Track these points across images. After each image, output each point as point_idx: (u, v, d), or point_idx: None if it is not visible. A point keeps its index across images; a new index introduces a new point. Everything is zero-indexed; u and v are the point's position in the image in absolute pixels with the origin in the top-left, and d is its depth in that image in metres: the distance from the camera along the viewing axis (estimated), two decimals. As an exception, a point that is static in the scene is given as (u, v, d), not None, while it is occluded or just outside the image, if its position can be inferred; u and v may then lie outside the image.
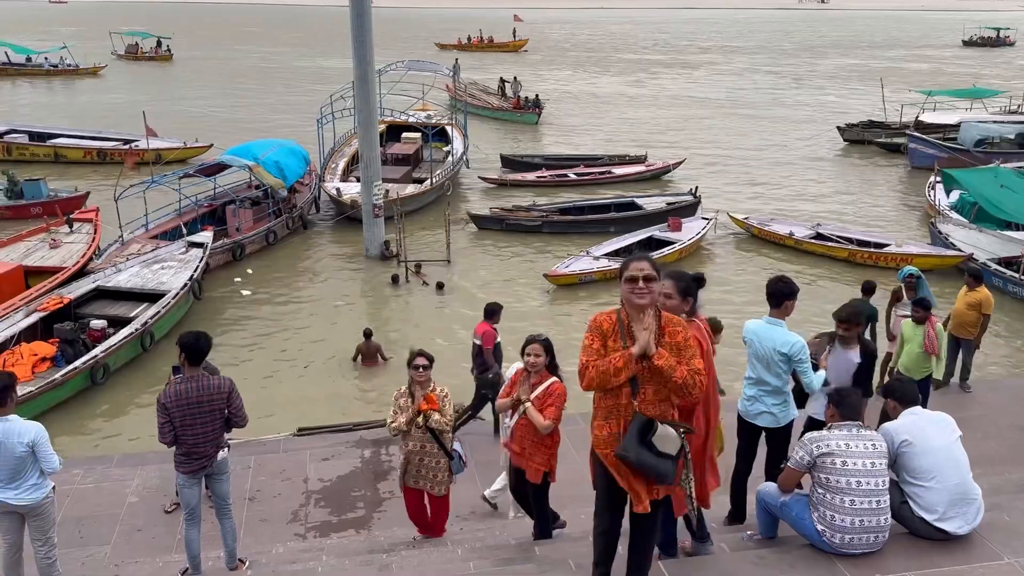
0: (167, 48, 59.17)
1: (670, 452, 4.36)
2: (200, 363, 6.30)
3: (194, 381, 6.20)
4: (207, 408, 6.21)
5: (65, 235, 17.20)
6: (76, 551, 7.71)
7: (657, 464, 4.34)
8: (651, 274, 4.32)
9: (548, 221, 20.81)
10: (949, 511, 5.30)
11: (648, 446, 4.34)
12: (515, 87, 39.56)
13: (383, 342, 14.34)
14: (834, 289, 17.42)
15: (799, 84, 49.22)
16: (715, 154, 30.19)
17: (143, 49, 58.70)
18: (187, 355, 6.25)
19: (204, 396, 6.19)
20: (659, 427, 4.36)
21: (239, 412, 6.42)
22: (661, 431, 4.36)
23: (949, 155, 25.82)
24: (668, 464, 4.37)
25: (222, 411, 6.31)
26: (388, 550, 7.19)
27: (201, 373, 6.28)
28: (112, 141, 27.96)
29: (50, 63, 49.97)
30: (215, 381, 6.29)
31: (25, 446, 5.95)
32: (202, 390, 6.19)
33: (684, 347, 4.37)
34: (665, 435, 4.36)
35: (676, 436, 4.40)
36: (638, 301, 4.32)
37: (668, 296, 5.00)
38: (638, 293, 4.31)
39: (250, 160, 19.61)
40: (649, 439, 4.34)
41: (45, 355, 12.75)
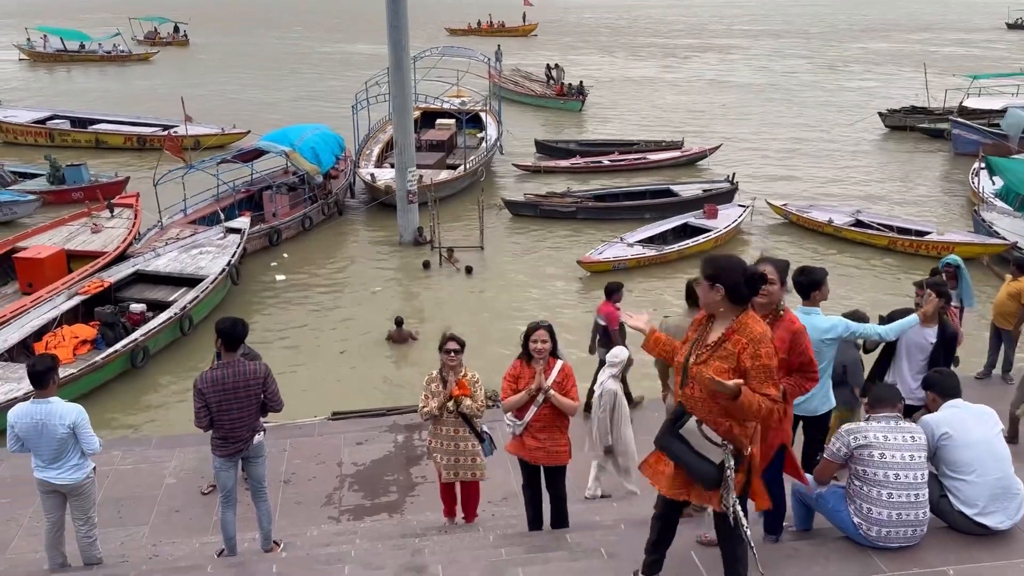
0: (184, 34, 59.19)
1: (710, 458, 4.17)
2: (236, 349, 6.36)
3: (230, 367, 6.26)
4: (243, 394, 6.27)
5: (106, 220, 17.48)
6: (115, 530, 7.86)
7: (693, 462, 4.19)
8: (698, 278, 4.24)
9: (582, 207, 20.71)
10: (990, 505, 5.19)
11: (680, 438, 4.23)
12: (559, 73, 38.40)
13: (416, 327, 14.44)
14: (873, 278, 17.17)
15: (837, 68, 48.32)
16: (752, 140, 29.82)
17: (160, 35, 58.60)
18: (224, 341, 6.31)
19: (240, 382, 6.25)
20: (690, 422, 4.21)
21: (275, 397, 6.47)
22: (692, 427, 4.20)
23: (994, 141, 25.24)
24: (706, 467, 4.17)
25: (258, 396, 6.36)
26: (420, 534, 7.24)
27: (237, 359, 6.33)
28: (152, 127, 28.31)
29: (104, 50, 50.47)
30: (251, 367, 6.33)
31: (66, 427, 6.06)
32: (238, 376, 6.25)
33: (756, 370, 4.06)
34: (695, 433, 4.19)
35: (712, 444, 4.17)
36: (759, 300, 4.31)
37: (772, 282, 4.78)
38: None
39: (286, 146, 19.76)
40: (677, 430, 4.23)
41: (86, 338, 12.99)
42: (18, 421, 6.09)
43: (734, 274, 4.16)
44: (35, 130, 27.78)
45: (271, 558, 6.58)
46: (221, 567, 6.23)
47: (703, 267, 4.21)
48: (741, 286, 4.15)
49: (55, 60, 49.80)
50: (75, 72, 46.11)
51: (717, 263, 4.20)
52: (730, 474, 4.15)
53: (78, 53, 50.26)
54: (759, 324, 4.18)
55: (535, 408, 6.11)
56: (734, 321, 4.17)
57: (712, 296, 4.17)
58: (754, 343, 4.08)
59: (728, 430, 4.17)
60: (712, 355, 4.17)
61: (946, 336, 6.74)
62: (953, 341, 6.87)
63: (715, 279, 4.15)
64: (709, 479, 4.19)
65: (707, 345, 4.23)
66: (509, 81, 37.59)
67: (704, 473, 4.18)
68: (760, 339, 4.09)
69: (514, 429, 6.25)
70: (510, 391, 6.23)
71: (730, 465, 4.15)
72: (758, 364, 4.07)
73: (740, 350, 4.09)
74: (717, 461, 4.16)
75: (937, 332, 6.66)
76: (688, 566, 5.08)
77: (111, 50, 50.49)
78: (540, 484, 6.48)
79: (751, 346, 4.07)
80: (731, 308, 4.18)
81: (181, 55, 52.41)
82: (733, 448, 4.17)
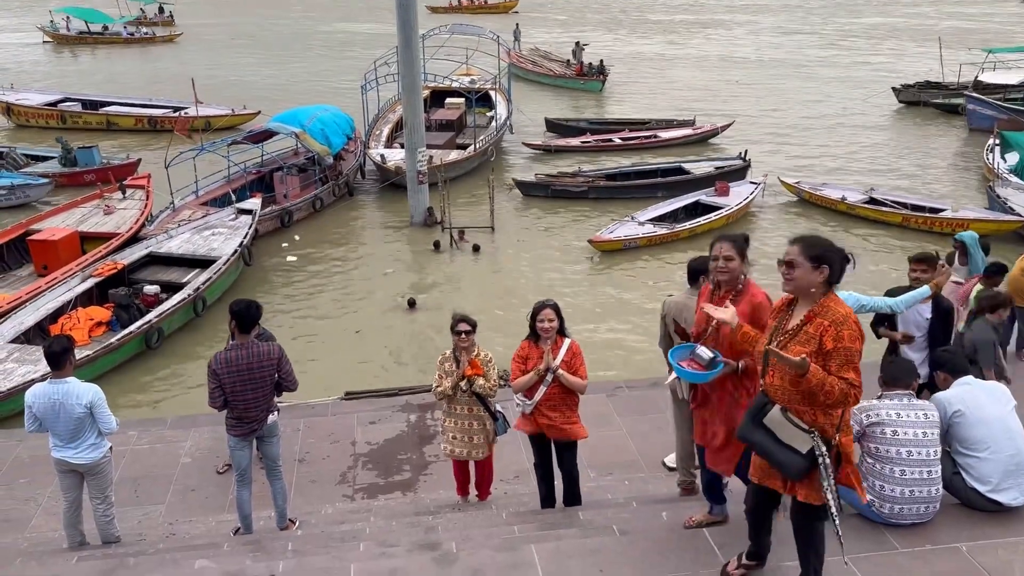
0: (169, 14, 58.15)
1: (796, 446, 4.07)
2: (250, 331, 6.42)
3: (244, 348, 6.32)
4: (257, 375, 6.33)
5: (118, 201, 17.54)
6: (132, 509, 7.95)
7: (776, 452, 4.11)
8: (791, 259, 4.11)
9: (594, 187, 20.64)
10: (1003, 482, 5.20)
11: (764, 428, 4.15)
12: (579, 53, 36.72)
13: (429, 308, 14.49)
14: (887, 255, 17.08)
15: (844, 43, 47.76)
16: (764, 117, 29.59)
17: (147, 16, 57.61)
18: (238, 323, 6.37)
19: (254, 363, 6.31)
20: (773, 411, 4.13)
21: (289, 377, 6.54)
22: (776, 417, 4.11)
23: (1009, 116, 24.96)
24: (791, 456, 4.07)
25: (272, 377, 6.42)
26: (434, 512, 7.31)
27: (252, 340, 6.39)
28: (162, 109, 28.34)
29: (128, 31, 50.22)
30: (264, 348, 6.39)
31: (83, 407, 6.14)
32: (252, 357, 6.31)
33: (837, 352, 3.97)
34: (782, 424, 4.09)
35: (799, 431, 4.06)
36: (784, 287, 4.18)
37: (728, 258, 4.84)
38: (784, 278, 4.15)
39: (296, 127, 19.73)
40: (761, 420, 4.16)
41: (101, 319, 13.08)
42: (36, 401, 6.17)
43: (838, 254, 4.13)
44: (46, 112, 27.84)
45: (287, 535, 6.66)
46: (237, 545, 6.31)
47: (804, 246, 4.11)
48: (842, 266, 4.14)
49: (79, 42, 49.44)
50: (99, 54, 45.72)
51: (822, 243, 4.14)
52: (823, 461, 4.05)
53: (102, 35, 49.97)
54: (842, 306, 4.09)
55: (544, 388, 6.14)
56: (816, 304, 4.10)
57: (814, 278, 4.08)
58: (837, 324, 4.00)
59: (813, 418, 4.10)
60: (791, 340, 4.11)
61: (941, 311, 6.70)
62: (948, 316, 6.81)
63: (821, 260, 4.08)
64: (793, 468, 4.10)
65: (787, 331, 4.17)
66: (527, 61, 36.82)
67: (789, 462, 4.09)
68: (844, 320, 4.01)
69: (524, 408, 6.29)
70: (519, 372, 6.26)
71: (821, 452, 4.04)
72: (840, 346, 3.97)
73: (822, 332, 4.01)
74: (804, 449, 4.06)
75: (932, 308, 6.63)
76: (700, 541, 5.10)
77: (135, 32, 50.22)
78: (552, 462, 6.52)
79: (834, 328, 3.99)
80: (821, 291, 4.12)
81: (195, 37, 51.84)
82: (821, 435, 4.08)
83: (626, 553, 5.00)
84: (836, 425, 4.11)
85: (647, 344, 8.24)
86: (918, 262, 7.02)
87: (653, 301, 14.58)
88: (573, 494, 6.59)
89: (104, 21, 49.71)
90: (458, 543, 5.33)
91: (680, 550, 5.02)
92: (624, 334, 13.45)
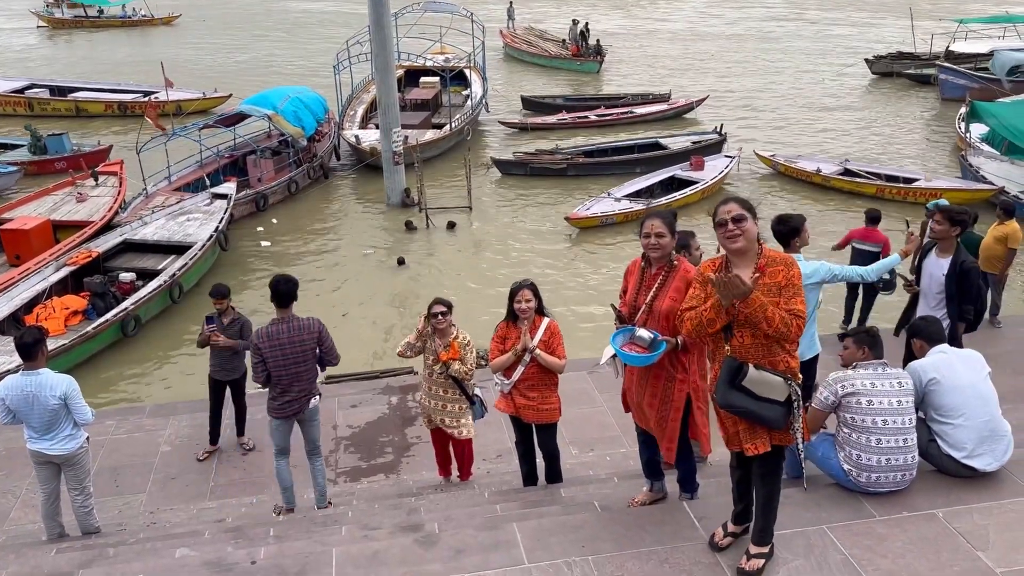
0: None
1: (775, 398, 4.19)
2: (289, 305, 6.53)
3: (285, 323, 6.45)
4: (299, 348, 6.46)
5: (91, 189, 17.29)
6: (112, 499, 7.91)
7: (759, 408, 4.20)
8: (740, 214, 4.19)
9: (573, 164, 20.59)
10: (977, 448, 5.26)
11: (741, 389, 4.22)
12: (574, 32, 34.49)
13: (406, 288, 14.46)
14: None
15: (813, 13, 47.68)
16: (738, 90, 29.55)
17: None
18: (276, 298, 6.47)
19: (295, 337, 6.43)
20: (751, 370, 4.20)
21: (331, 351, 6.69)
22: (755, 375, 4.19)
23: (981, 85, 25.12)
24: (772, 409, 4.20)
25: (314, 351, 6.55)
26: (416, 493, 7.33)
27: (292, 314, 6.49)
28: (132, 93, 27.91)
29: (125, 14, 49.03)
30: (305, 322, 6.51)
31: (57, 399, 6.08)
32: (293, 331, 6.44)
33: (785, 286, 4.16)
34: (762, 380, 4.19)
35: (778, 382, 4.19)
36: (731, 245, 4.24)
37: (660, 235, 4.87)
38: (730, 236, 4.21)
39: (269, 109, 19.51)
40: (739, 382, 4.22)
41: (76, 308, 12.93)
42: (8, 393, 6.11)
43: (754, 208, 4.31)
44: (13, 99, 27.31)
45: (269, 522, 6.64)
46: (219, 532, 6.29)
47: (742, 202, 4.24)
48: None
49: (75, 26, 48.15)
50: (96, 38, 44.47)
51: (745, 201, 4.29)
52: (798, 404, 4.24)
53: (98, 18, 48.80)
54: (777, 250, 4.35)
55: (522, 367, 6.15)
56: (762, 257, 4.24)
57: (756, 228, 4.25)
58: (788, 265, 4.21)
59: (786, 365, 4.24)
60: None
61: (958, 267, 6.69)
62: (967, 274, 6.74)
63: (752, 211, 4.25)
64: (778, 419, 4.23)
65: None
66: (522, 41, 35.89)
67: (772, 415, 4.22)
68: (792, 262, 4.25)
69: (503, 387, 6.29)
70: (498, 352, 6.27)
71: (797, 396, 4.23)
72: (790, 282, 4.17)
73: (781, 278, 4.18)
74: (782, 398, 4.21)
75: (950, 263, 6.64)
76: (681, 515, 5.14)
77: (131, 14, 49.07)
78: (533, 440, 6.54)
79: (785, 268, 4.20)
80: (758, 241, 4.28)
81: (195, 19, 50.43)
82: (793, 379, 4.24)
83: (607, 529, 5.02)
84: (796, 367, 4.31)
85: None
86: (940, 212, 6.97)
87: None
88: (554, 472, 6.61)
89: (100, 4, 48.43)
90: (440, 524, 5.34)
91: (661, 524, 5.05)
92: (603, 311, 13.47)
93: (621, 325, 4.99)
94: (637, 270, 5.09)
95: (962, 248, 6.89)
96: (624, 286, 5.17)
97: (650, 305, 4.91)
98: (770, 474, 4.45)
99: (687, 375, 4.97)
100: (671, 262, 4.94)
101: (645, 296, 4.95)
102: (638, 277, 5.05)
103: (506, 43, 35.84)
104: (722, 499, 5.08)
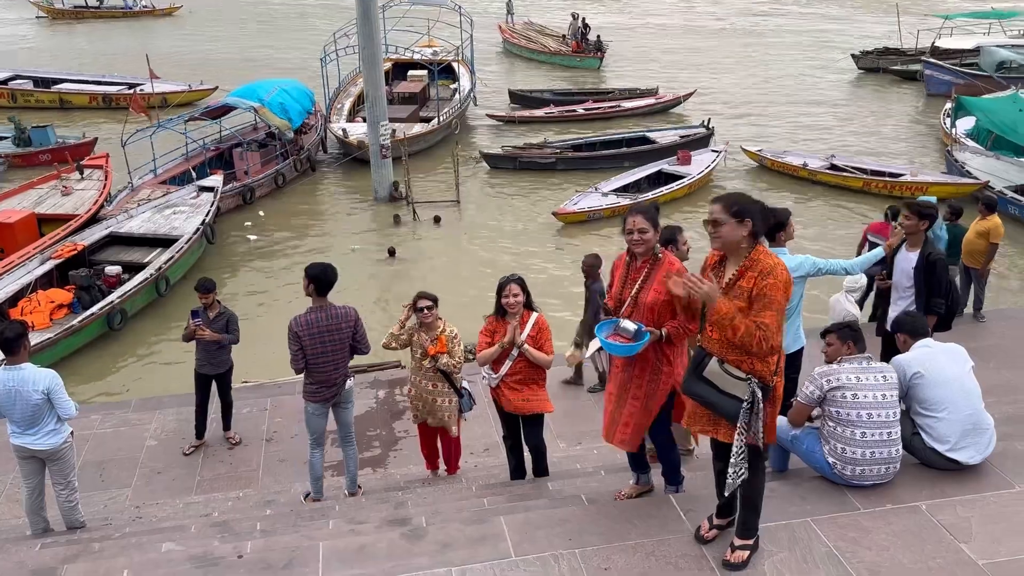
0: None
1: (736, 394, 4.21)
2: (327, 293, 6.57)
3: (323, 311, 6.50)
4: (336, 336, 6.51)
5: (76, 182, 17.17)
6: (98, 494, 7.87)
7: (718, 401, 4.25)
8: (718, 218, 4.18)
9: (562, 158, 20.58)
10: (961, 441, 5.30)
11: (704, 380, 4.28)
12: (575, 27, 33.42)
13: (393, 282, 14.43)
14: (849, 220, 17.29)
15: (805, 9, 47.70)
16: (725, 85, 29.55)
17: None
18: (315, 285, 6.50)
19: (333, 324, 6.49)
20: (712, 363, 4.25)
21: (363, 340, 6.74)
22: (715, 369, 4.24)
23: (966, 81, 25.25)
24: (731, 403, 4.22)
25: (349, 339, 6.61)
26: (404, 487, 7.33)
27: (329, 303, 6.55)
28: (117, 85, 27.69)
29: (126, 5, 48.41)
30: (342, 310, 6.58)
31: (40, 393, 6.04)
32: (331, 319, 6.49)
33: (757, 296, 4.12)
34: (720, 375, 4.24)
35: (737, 380, 4.20)
36: (711, 244, 4.27)
37: (643, 231, 4.88)
38: (710, 235, 4.23)
39: (255, 101, 19.40)
40: (701, 373, 4.28)
41: (62, 302, 12.85)
42: (-9, 388, 6.05)
43: (757, 207, 4.24)
44: (-4, 91, 27.11)
45: (256, 516, 6.63)
46: (205, 527, 6.27)
47: (726, 204, 4.20)
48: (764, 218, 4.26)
49: (75, 17, 47.46)
50: (96, 30, 43.84)
51: (742, 199, 4.25)
52: (759, 405, 4.22)
53: (99, 9, 48.15)
54: (771, 257, 4.22)
55: (510, 362, 6.16)
56: (746, 259, 4.21)
57: (739, 232, 4.18)
58: (763, 274, 4.13)
59: (751, 366, 4.23)
60: (726, 295, 4.20)
61: (927, 260, 6.73)
62: (933, 266, 6.77)
63: (743, 214, 4.17)
64: (736, 414, 4.25)
65: (722, 287, 4.25)
66: (521, 36, 35.28)
67: (731, 409, 4.24)
68: (771, 270, 4.13)
69: (490, 382, 6.30)
70: (486, 346, 6.27)
71: (758, 397, 4.22)
72: (761, 293, 4.12)
73: (752, 285, 4.15)
74: (744, 396, 4.22)
75: (918, 257, 6.69)
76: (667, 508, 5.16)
77: (132, 5, 48.42)
78: (520, 434, 6.55)
79: (760, 277, 4.13)
80: (749, 245, 4.22)
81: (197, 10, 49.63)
82: (759, 382, 4.23)
83: (595, 522, 5.04)
84: (773, 371, 4.29)
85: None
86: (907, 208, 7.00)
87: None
88: (541, 467, 6.63)
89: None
90: (427, 517, 5.34)
91: (647, 517, 5.07)
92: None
93: (607, 317, 5.03)
94: (623, 265, 5.13)
95: (930, 241, 6.93)
96: (611, 280, 5.21)
97: (635, 298, 4.97)
98: (749, 470, 4.47)
99: (672, 368, 5.02)
100: (656, 256, 4.97)
101: (631, 289, 5.01)
102: (624, 271, 5.09)
103: (505, 38, 35.39)
104: (708, 492, 5.09)
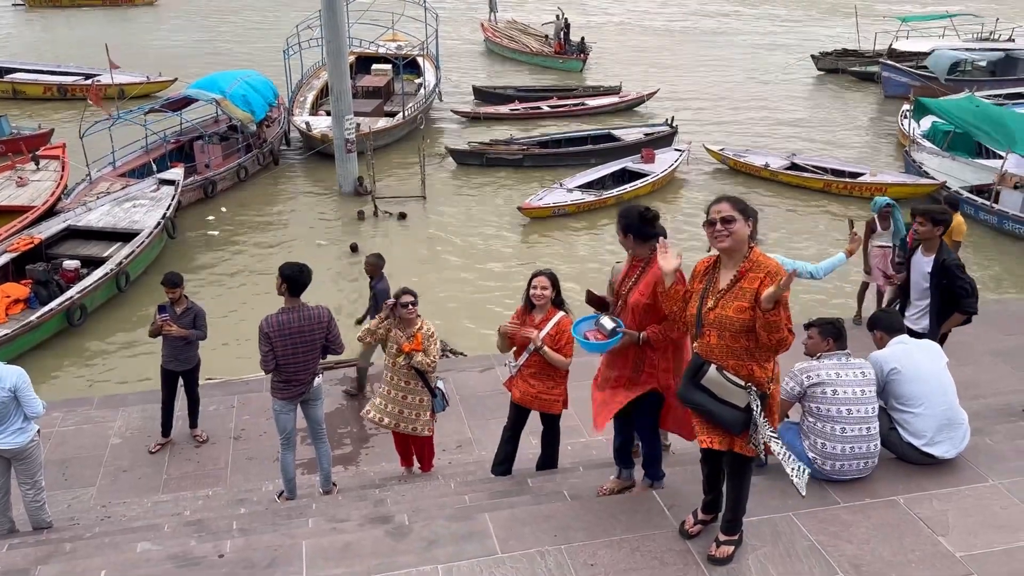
0: None
1: (735, 403, 4.18)
2: (300, 294, 6.47)
3: (295, 311, 6.40)
4: (308, 337, 6.42)
5: (32, 173, 16.73)
6: (62, 493, 7.69)
7: (717, 410, 4.21)
8: (730, 215, 4.13)
9: (529, 155, 20.57)
10: (936, 436, 5.40)
11: (702, 388, 4.24)
12: (559, 27, 32.33)
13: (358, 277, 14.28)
14: (810, 219, 17.53)
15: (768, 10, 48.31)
16: (687, 85, 29.74)
17: None
18: (289, 286, 6.40)
19: (305, 326, 6.40)
20: (711, 371, 4.21)
21: (337, 340, 6.66)
22: (714, 376, 4.20)
23: (922, 83, 25.76)
24: (731, 412, 4.19)
25: (321, 340, 6.52)
26: (380, 485, 7.25)
27: (301, 303, 6.44)
28: (73, 76, 27.04)
29: None
30: (314, 311, 6.48)
31: (6, 391, 5.88)
32: (303, 320, 6.40)
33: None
34: (720, 383, 4.20)
35: (736, 388, 4.18)
36: (718, 245, 4.20)
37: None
38: (717, 236, 4.17)
39: (216, 93, 19.05)
40: (699, 381, 4.24)
41: (18, 297, 12.49)
42: (-45, 386, 5.87)
43: (752, 207, 4.24)
44: (-54, 81, 26.32)
45: (231, 515, 6.52)
46: (180, 526, 6.14)
47: (733, 202, 4.18)
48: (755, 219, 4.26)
49: (54, 5, 46.26)
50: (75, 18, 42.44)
51: (742, 199, 4.24)
52: (759, 414, 4.19)
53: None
54: (770, 259, 4.23)
55: (527, 353, 6.13)
56: (747, 260, 4.19)
57: (747, 231, 4.16)
58: (772, 275, 4.10)
59: (749, 372, 4.21)
60: (728, 296, 4.18)
61: (940, 263, 6.86)
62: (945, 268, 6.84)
63: (746, 213, 4.17)
64: (736, 423, 4.21)
65: (720, 291, 4.23)
66: (503, 36, 34.54)
67: (730, 418, 4.21)
68: (776, 271, 4.13)
69: (510, 369, 6.30)
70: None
71: (758, 405, 4.19)
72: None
73: (759, 285, 4.11)
74: (742, 404, 4.18)
75: (934, 261, 6.84)
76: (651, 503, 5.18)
77: None
78: (522, 428, 6.51)
79: (769, 278, 4.09)
80: (748, 245, 4.21)
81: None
82: (757, 389, 4.21)
83: (579, 518, 5.04)
84: (770, 377, 4.28)
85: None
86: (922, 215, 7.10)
87: (583, 268, 14.68)
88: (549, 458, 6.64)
89: None
90: (409, 515, 5.29)
91: (631, 512, 5.08)
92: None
93: (596, 310, 5.04)
94: (628, 262, 5.14)
95: (945, 246, 7.04)
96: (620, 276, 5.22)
97: (625, 297, 4.96)
98: (739, 474, 4.52)
99: (654, 371, 5.03)
100: (649, 256, 4.95)
101: (625, 287, 5.00)
102: (627, 268, 5.10)
103: (487, 37, 35.04)
104: (690, 488, 5.13)
